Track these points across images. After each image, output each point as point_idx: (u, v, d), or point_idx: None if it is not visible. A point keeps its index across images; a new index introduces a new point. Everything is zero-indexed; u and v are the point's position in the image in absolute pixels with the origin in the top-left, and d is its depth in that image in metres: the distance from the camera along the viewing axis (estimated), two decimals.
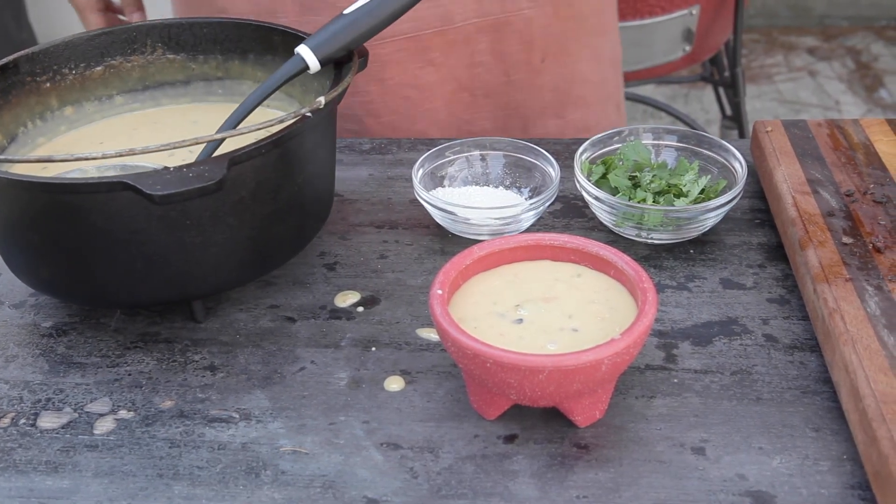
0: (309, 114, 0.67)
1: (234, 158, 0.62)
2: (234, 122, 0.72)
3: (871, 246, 0.69)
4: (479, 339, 0.57)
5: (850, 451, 0.58)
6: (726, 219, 0.80)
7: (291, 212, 0.70)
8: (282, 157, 0.67)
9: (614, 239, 0.78)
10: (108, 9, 0.99)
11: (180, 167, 0.61)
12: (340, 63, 0.74)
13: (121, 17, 1.00)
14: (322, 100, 0.67)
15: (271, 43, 0.83)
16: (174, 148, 0.61)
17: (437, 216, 0.78)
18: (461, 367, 0.60)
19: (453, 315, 0.61)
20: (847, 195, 0.75)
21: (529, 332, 0.60)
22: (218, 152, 0.70)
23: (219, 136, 0.64)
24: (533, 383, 0.56)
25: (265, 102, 0.81)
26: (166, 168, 0.61)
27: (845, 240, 0.70)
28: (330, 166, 0.76)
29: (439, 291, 0.61)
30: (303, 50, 0.72)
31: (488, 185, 0.82)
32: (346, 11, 0.74)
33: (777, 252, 0.76)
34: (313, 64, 0.72)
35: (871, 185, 0.76)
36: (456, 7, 0.95)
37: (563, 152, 0.90)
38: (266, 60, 0.84)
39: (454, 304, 0.63)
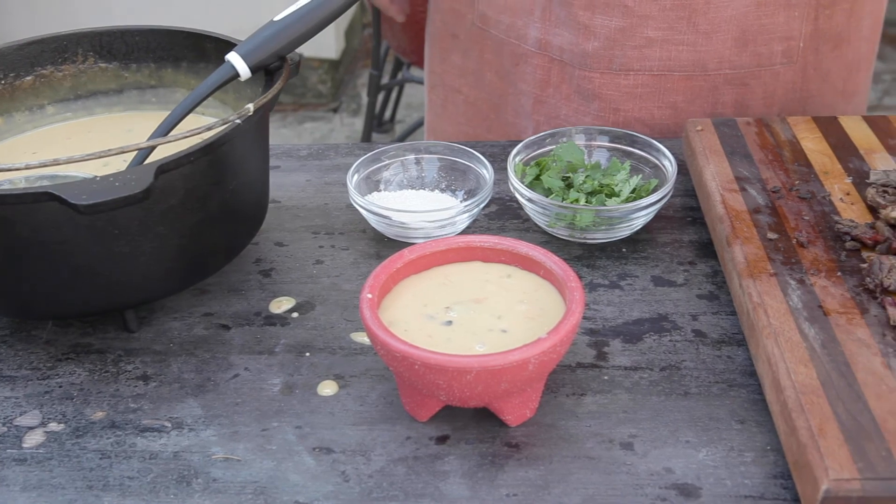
0: (238, 121, 0.67)
1: (162, 167, 0.62)
2: (164, 130, 0.71)
3: (795, 241, 0.71)
4: (407, 341, 0.57)
5: (773, 442, 0.60)
6: (659, 217, 0.81)
7: (223, 219, 0.70)
8: (211, 165, 0.67)
9: (548, 240, 0.79)
10: None
11: (107, 176, 0.60)
12: (273, 70, 0.74)
13: None
14: (251, 107, 0.67)
15: (204, 50, 0.83)
16: (99, 157, 0.60)
17: (373, 220, 0.79)
18: (392, 370, 0.60)
19: (384, 318, 0.61)
20: (773, 192, 0.77)
21: (458, 334, 0.61)
22: (150, 161, 0.69)
23: (146, 144, 0.64)
24: (461, 384, 0.57)
25: (200, 110, 0.82)
26: (93, 178, 0.60)
27: (770, 235, 0.71)
28: (263, 173, 0.76)
29: (369, 295, 0.61)
30: (233, 57, 0.72)
31: (424, 189, 0.83)
32: (276, 18, 0.74)
33: (707, 249, 0.78)
34: (243, 71, 0.72)
35: (797, 182, 0.78)
36: (712, 56, 0.92)
37: (500, 154, 0.90)
38: (199, 68, 0.83)
39: (385, 308, 0.63)
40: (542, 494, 0.57)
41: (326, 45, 3.02)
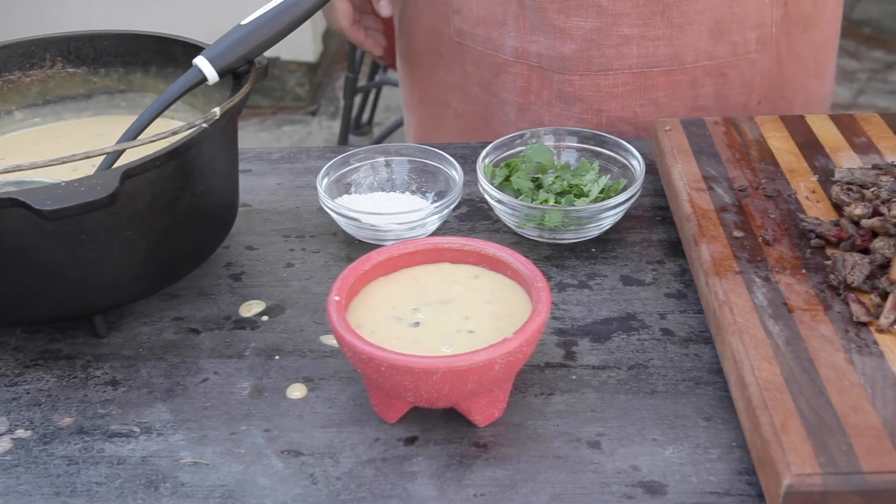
0: (205, 125, 0.67)
1: (128, 171, 0.62)
2: (132, 135, 0.71)
3: (760, 239, 0.71)
4: (374, 343, 0.58)
5: (738, 439, 0.60)
6: (628, 217, 0.82)
7: (192, 223, 0.70)
8: (178, 169, 0.67)
9: (518, 240, 0.80)
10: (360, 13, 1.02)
11: (72, 182, 0.60)
12: (241, 74, 0.74)
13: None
14: (217, 110, 0.67)
15: (173, 55, 0.82)
16: (63, 162, 0.60)
17: (343, 223, 0.79)
18: (360, 372, 0.61)
19: (352, 320, 0.62)
20: (740, 190, 0.77)
21: (426, 335, 0.61)
22: (117, 166, 0.69)
23: (111, 148, 0.64)
24: (428, 385, 0.57)
25: (169, 114, 0.82)
26: (58, 183, 0.60)
27: (737, 234, 0.72)
28: (232, 177, 0.76)
29: (336, 298, 0.62)
30: (200, 61, 0.72)
31: (394, 191, 0.83)
32: (243, 22, 0.74)
33: (676, 248, 0.78)
34: (211, 75, 0.72)
35: (763, 181, 0.78)
36: (688, 49, 0.92)
37: (471, 156, 0.91)
38: (168, 72, 0.83)
39: (353, 310, 0.63)
40: (510, 494, 0.57)
41: (304, 48, 3.02)
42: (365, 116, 2.86)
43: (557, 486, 0.57)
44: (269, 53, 0.77)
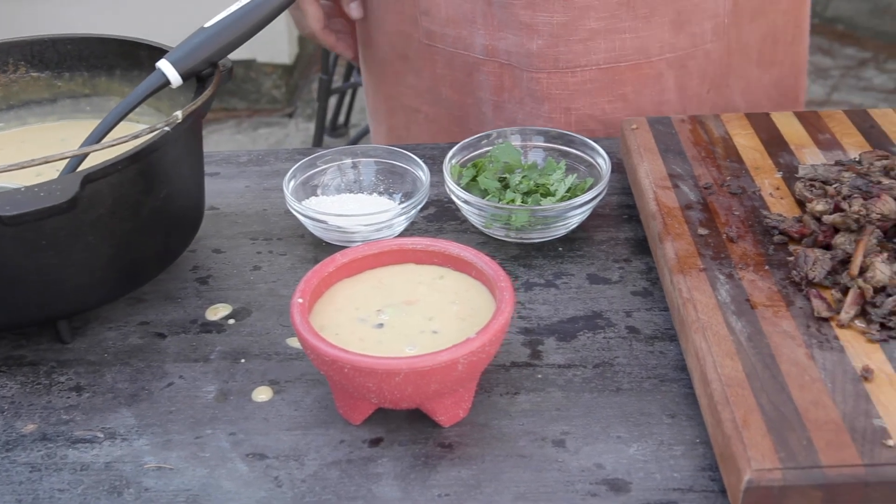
0: (167, 128, 0.66)
1: (88, 176, 0.62)
2: (95, 139, 0.71)
3: (725, 236, 0.72)
4: (336, 345, 0.58)
5: (702, 435, 0.60)
6: (595, 215, 0.82)
7: (156, 227, 0.70)
8: (141, 173, 0.67)
9: (486, 240, 0.80)
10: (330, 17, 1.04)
11: (31, 187, 0.60)
12: (205, 77, 0.74)
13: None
14: (179, 114, 0.67)
15: (137, 58, 0.82)
16: (21, 168, 0.60)
17: (310, 225, 0.79)
18: (324, 374, 0.61)
19: (316, 323, 0.61)
20: (705, 188, 0.78)
21: (389, 336, 0.61)
22: (80, 170, 0.69)
23: (70, 153, 0.64)
24: (391, 386, 0.57)
25: (135, 118, 0.81)
26: (18, 188, 0.60)
27: (701, 231, 0.72)
28: (196, 180, 0.76)
29: (300, 300, 0.61)
30: (163, 64, 0.72)
31: (362, 193, 0.83)
32: (206, 25, 0.74)
33: (643, 246, 0.79)
34: (174, 78, 0.72)
35: (728, 178, 0.79)
36: (653, 41, 0.93)
37: (440, 157, 0.91)
38: (133, 76, 0.83)
39: (317, 312, 0.63)
40: (474, 493, 0.57)
41: (280, 49, 3.01)
42: (341, 118, 2.85)
43: (522, 486, 0.58)
44: (244, 56, 0.77)
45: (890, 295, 0.63)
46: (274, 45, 2.96)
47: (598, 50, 0.92)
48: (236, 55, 0.76)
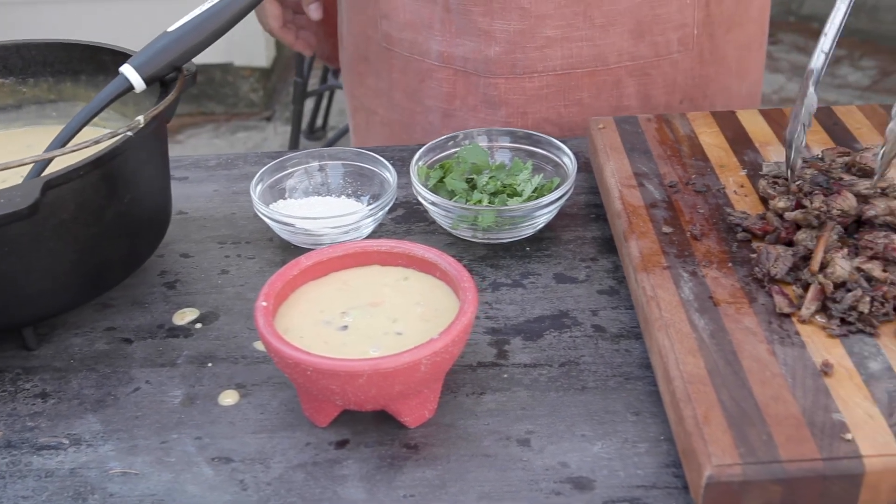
0: (129, 133, 0.66)
1: (49, 182, 0.62)
2: (58, 145, 0.71)
3: (689, 234, 0.72)
4: (300, 347, 0.58)
5: (666, 432, 0.61)
6: (563, 215, 0.82)
7: (120, 232, 0.70)
8: (104, 178, 0.67)
9: (453, 241, 0.80)
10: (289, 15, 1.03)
11: None
12: (169, 82, 0.74)
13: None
14: (141, 119, 0.67)
15: (102, 63, 0.82)
16: None
17: (277, 229, 0.79)
18: (289, 377, 0.61)
19: (280, 326, 0.61)
20: (670, 186, 0.78)
21: (353, 338, 0.61)
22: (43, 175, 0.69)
23: (30, 159, 0.64)
24: (354, 388, 0.57)
25: (101, 123, 0.81)
26: None
27: (665, 229, 0.73)
28: (162, 184, 0.76)
29: (263, 303, 0.61)
30: (126, 69, 0.72)
31: (329, 195, 0.83)
32: (170, 29, 0.74)
33: (609, 245, 0.79)
34: (138, 83, 0.72)
35: (693, 176, 0.79)
36: (611, 49, 0.93)
37: (408, 158, 0.91)
38: (99, 81, 0.83)
39: (282, 315, 0.63)
40: (439, 494, 0.57)
41: (257, 53, 3.00)
42: (319, 121, 2.85)
43: (486, 485, 0.58)
44: (221, 59, 0.77)
45: (850, 290, 0.64)
46: (251, 48, 2.96)
47: (555, 57, 0.93)
48: (213, 58, 0.77)
